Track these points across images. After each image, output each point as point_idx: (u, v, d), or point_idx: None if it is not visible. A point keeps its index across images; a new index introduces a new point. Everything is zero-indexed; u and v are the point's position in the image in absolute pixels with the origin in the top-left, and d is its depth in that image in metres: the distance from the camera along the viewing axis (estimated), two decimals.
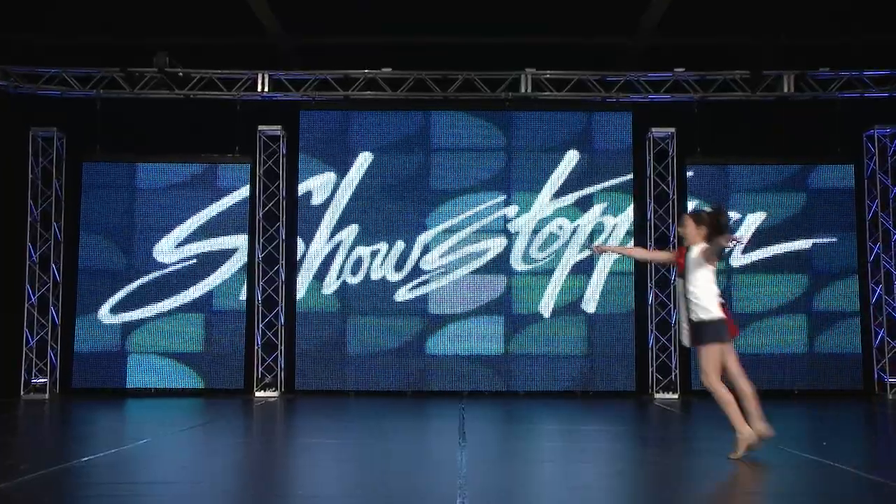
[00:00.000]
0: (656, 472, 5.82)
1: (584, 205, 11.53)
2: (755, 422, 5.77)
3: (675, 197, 11.52)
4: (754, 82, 11.24)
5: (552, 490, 5.20)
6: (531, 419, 9.19)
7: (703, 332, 5.78)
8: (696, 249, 5.88)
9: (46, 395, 11.05)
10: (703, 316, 5.77)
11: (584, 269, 11.45)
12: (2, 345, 11.04)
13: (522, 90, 11.34)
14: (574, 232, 11.49)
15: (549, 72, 11.37)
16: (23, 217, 11.26)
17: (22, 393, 11.06)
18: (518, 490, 5.18)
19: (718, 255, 5.92)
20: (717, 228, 5.79)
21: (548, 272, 11.45)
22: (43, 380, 11.16)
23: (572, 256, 11.45)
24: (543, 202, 11.52)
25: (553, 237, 11.49)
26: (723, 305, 5.86)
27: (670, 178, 11.58)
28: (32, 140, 11.37)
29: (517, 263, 11.50)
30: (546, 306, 11.41)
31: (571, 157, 11.56)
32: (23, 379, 11.11)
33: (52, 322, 11.29)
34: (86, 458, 5.97)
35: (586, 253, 11.42)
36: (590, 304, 11.40)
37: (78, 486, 5.29)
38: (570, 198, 11.52)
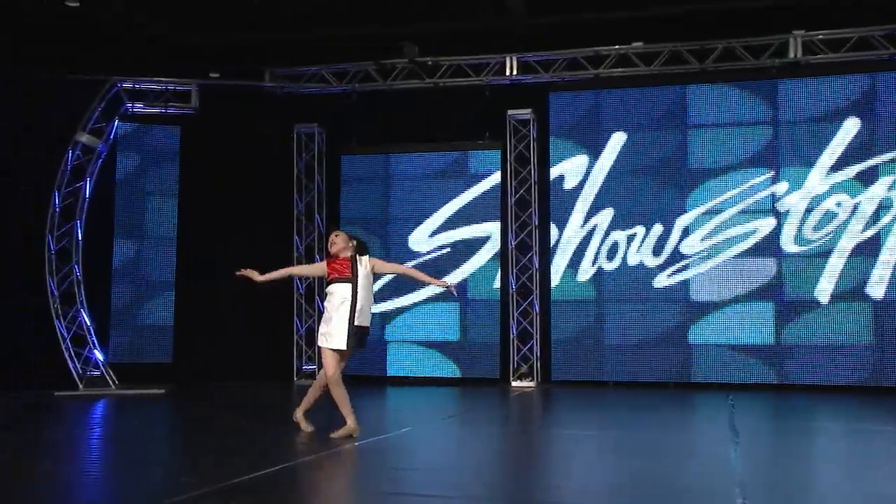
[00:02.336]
0: None
1: (867, 178, 10.66)
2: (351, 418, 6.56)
3: None
4: None
5: (842, 496, 4.88)
6: (809, 415, 8.68)
7: (361, 337, 6.52)
8: (367, 260, 6.64)
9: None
10: (366, 323, 6.56)
11: (868, 249, 10.59)
12: (278, 332, 12.08)
13: (791, 55, 10.67)
14: (855, 209, 10.65)
15: (822, 32, 10.60)
16: (289, 211, 12.23)
17: (295, 378, 12.04)
18: (803, 492, 4.92)
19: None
20: (360, 244, 6.76)
21: (824, 254, 10.72)
22: (312, 366, 12.08)
23: (854, 236, 10.63)
24: (818, 177, 10.78)
25: (830, 215, 10.73)
26: None
27: None
28: (296, 136, 12.31)
29: (788, 245, 10.86)
30: (823, 291, 10.68)
31: (851, 126, 10.72)
32: (295, 365, 12.09)
33: (318, 311, 12.18)
34: (356, 444, 6.39)
35: (871, 232, 10.57)
36: (877, 289, 10.53)
37: (349, 470, 5.69)
38: (850, 171, 10.69)
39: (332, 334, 6.44)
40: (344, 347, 6.43)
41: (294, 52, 12.04)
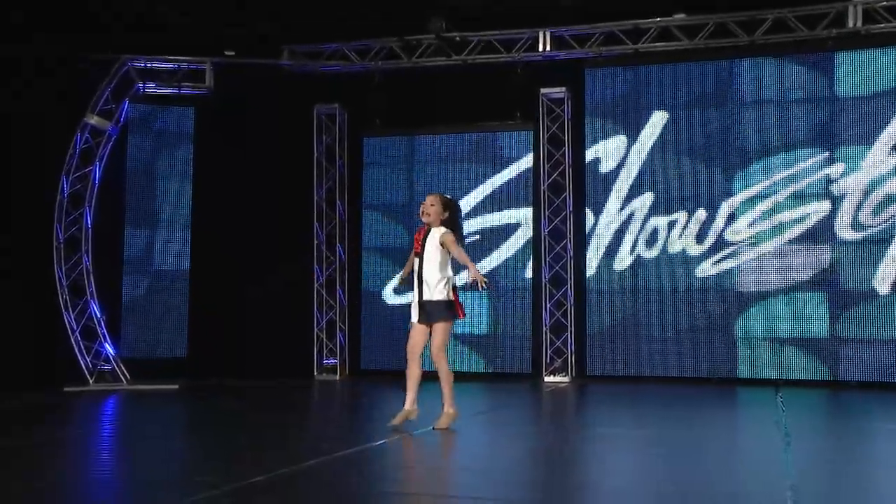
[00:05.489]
0: None
1: None
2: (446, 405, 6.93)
3: None
4: None
5: None
6: (866, 415, 8.54)
7: (435, 310, 6.71)
8: (438, 233, 6.68)
9: (337, 376, 11.96)
10: (439, 297, 6.68)
11: None
12: (297, 325, 12.08)
13: (850, 25, 10.42)
14: None
15: None
16: (309, 196, 12.20)
17: (315, 373, 12.04)
18: (859, 499, 4.82)
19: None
20: (454, 219, 6.78)
21: (884, 240, 10.51)
22: (333, 360, 12.08)
23: None
24: (877, 157, 10.57)
25: (890, 199, 10.51)
26: (454, 288, 6.80)
27: None
28: (316, 117, 12.27)
29: (844, 231, 10.67)
30: (883, 281, 10.49)
31: None
32: (315, 360, 12.09)
33: (339, 302, 12.17)
34: (380, 441, 6.37)
35: None
36: None
37: (373, 469, 5.67)
38: None
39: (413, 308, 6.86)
40: (413, 320, 6.86)
41: (313, 28, 11.97)
